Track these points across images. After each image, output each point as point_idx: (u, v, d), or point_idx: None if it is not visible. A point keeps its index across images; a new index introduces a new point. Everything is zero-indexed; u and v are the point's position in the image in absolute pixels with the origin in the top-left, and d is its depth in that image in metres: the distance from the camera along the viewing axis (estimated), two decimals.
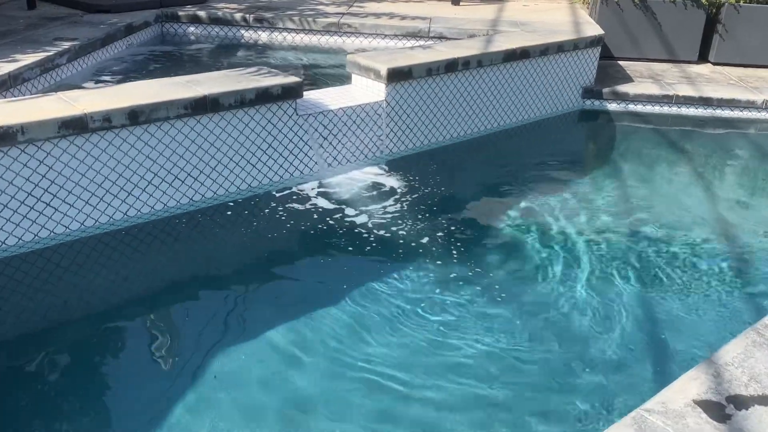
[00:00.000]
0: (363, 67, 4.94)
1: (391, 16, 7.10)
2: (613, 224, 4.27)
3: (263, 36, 6.92)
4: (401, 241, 3.93)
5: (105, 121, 3.68)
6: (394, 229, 4.05)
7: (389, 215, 4.20)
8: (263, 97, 4.23)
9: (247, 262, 3.82)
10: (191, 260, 3.82)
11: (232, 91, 4.08)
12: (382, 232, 4.01)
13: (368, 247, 3.87)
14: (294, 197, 4.36)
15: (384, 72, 4.77)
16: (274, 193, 4.41)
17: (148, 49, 6.49)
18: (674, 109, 6.22)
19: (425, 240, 3.95)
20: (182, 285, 3.61)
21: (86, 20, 6.26)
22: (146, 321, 3.31)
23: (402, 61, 4.89)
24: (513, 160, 5.30)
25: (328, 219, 4.13)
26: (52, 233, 3.75)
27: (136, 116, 3.78)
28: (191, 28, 6.95)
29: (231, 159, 4.27)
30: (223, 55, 6.64)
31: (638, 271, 3.75)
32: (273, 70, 4.54)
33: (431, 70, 4.99)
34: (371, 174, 4.74)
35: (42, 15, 6.36)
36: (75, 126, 3.60)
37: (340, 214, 4.18)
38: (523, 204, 4.48)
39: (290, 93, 4.35)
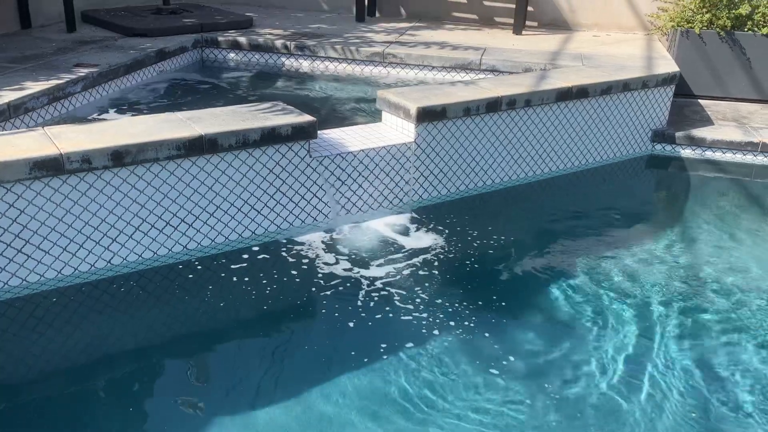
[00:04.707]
0: (392, 104, 4.43)
1: (442, 45, 6.56)
2: (688, 303, 3.56)
3: (304, 64, 6.53)
4: (422, 309, 3.36)
5: (84, 162, 3.32)
6: (415, 291, 3.50)
7: (409, 274, 3.65)
8: (270, 137, 3.78)
9: (244, 322, 3.34)
10: (182, 316, 3.39)
11: (232, 131, 3.66)
12: (400, 295, 3.47)
13: (387, 314, 3.33)
14: (303, 247, 3.88)
15: (413, 111, 4.24)
16: (280, 241, 3.94)
17: (181, 76, 6.18)
18: (759, 159, 5.40)
19: (453, 310, 3.37)
20: (171, 345, 3.19)
21: (119, 45, 6.01)
22: (128, 386, 2.88)
23: (435, 100, 4.35)
24: (563, 212, 4.63)
25: (339, 274, 3.63)
26: (24, 281, 3.41)
27: (120, 157, 3.40)
28: (231, 55, 6.63)
29: (232, 204, 3.84)
30: (259, 84, 6.26)
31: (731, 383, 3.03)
32: (288, 107, 4.09)
33: (469, 109, 4.43)
34: (394, 224, 4.20)
35: (78, 39, 6.17)
36: (49, 167, 3.24)
37: (354, 269, 3.67)
38: (576, 270, 3.80)
39: (302, 133, 3.88)
